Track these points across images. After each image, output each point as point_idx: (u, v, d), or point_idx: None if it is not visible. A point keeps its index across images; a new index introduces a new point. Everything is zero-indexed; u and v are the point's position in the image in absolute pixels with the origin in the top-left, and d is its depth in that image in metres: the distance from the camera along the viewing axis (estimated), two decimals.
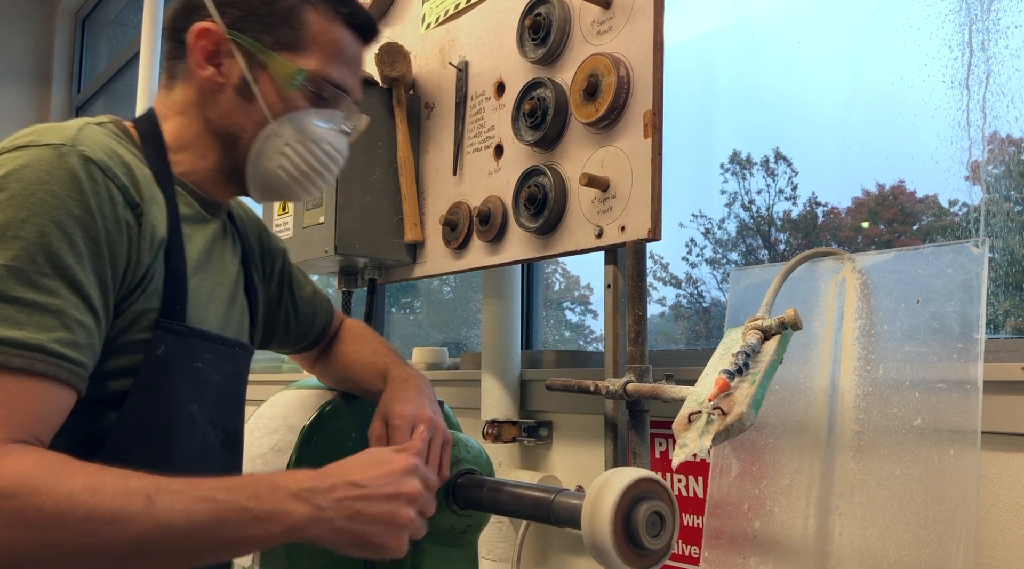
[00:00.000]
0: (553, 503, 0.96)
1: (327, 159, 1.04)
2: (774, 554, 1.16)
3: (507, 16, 1.55)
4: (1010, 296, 1.31)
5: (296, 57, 0.99)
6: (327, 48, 1.01)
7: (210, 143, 1.01)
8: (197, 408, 0.96)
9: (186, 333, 0.93)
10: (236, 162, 1.02)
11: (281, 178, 1.02)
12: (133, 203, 0.88)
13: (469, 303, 2.74)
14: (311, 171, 1.03)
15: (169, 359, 0.91)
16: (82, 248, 0.81)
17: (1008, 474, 1.05)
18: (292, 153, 1.01)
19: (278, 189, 1.04)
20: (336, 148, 1.05)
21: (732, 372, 0.96)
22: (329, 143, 1.04)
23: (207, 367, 0.97)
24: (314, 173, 1.04)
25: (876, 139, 1.56)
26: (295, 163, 1.01)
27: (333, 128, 1.04)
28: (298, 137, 1.01)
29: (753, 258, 1.82)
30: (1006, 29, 1.31)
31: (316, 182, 1.05)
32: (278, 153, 1.00)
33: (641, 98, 1.26)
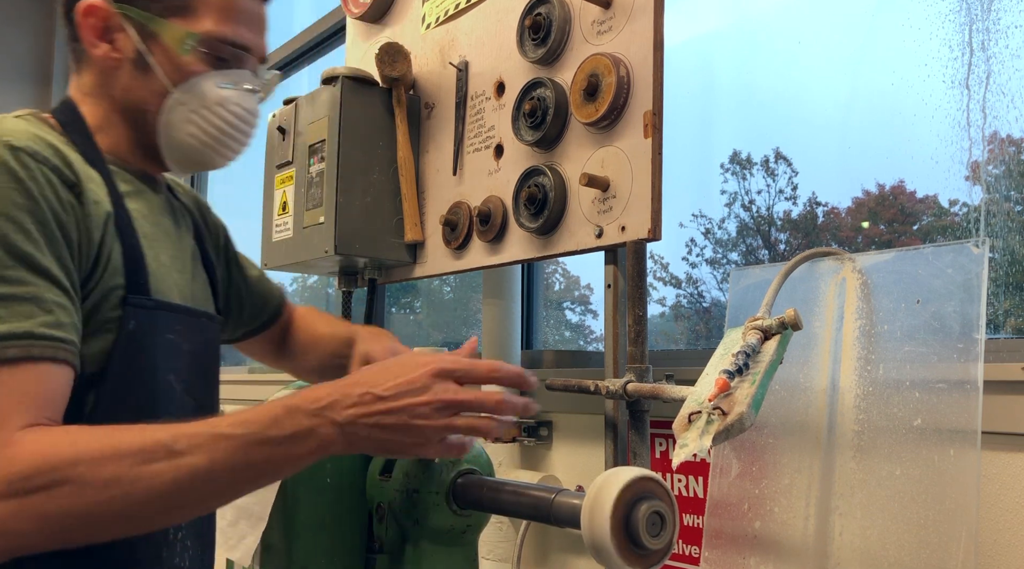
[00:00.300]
0: (553, 503, 0.96)
1: (237, 120, 1.03)
2: (774, 554, 1.16)
3: (507, 16, 1.55)
4: (1010, 296, 1.31)
5: (187, 22, 0.98)
6: (218, 8, 0.99)
7: (121, 121, 1.01)
8: (174, 378, 0.97)
9: (153, 306, 0.94)
10: (149, 137, 1.02)
11: (194, 146, 1.02)
12: (69, 183, 0.89)
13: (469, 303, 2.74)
14: (223, 135, 1.02)
15: (141, 333, 0.92)
16: (36, 234, 0.83)
17: (1008, 474, 1.05)
18: (199, 119, 1.00)
19: (195, 158, 1.03)
20: (245, 108, 1.04)
21: (732, 372, 0.96)
22: (236, 103, 1.02)
23: (178, 338, 0.98)
24: (226, 136, 1.03)
25: (876, 139, 1.56)
26: (204, 129, 1.01)
27: (238, 88, 1.02)
28: (202, 102, 1.00)
29: (753, 258, 1.82)
30: (1006, 29, 1.31)
31: (231, 146, 1.04)
32: (185, 121, 1.00)
33: (641, 98, 1.26)
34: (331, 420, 0.80)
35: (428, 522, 1.09)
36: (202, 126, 1.00)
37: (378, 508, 1.15)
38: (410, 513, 1.10)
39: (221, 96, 1.01)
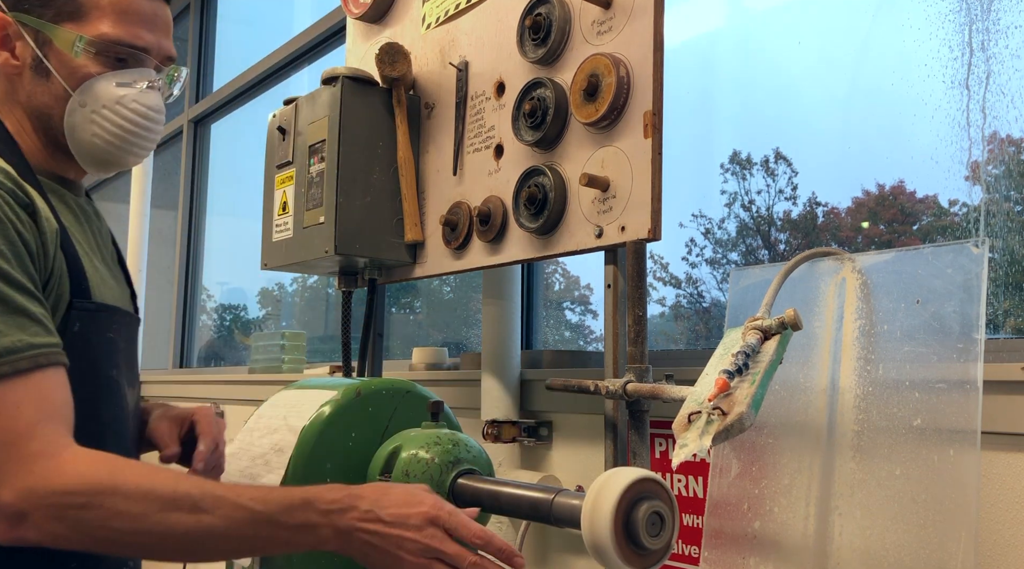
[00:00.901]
0: (553, 503, 0.96)
1: (139, 118, 1.05)
2: (774, 554, 1.16)
3: (507, 16, 1.55)
4: (1010, 296, 1.31)
5: (79, 26, 1.01)
6: (109, 10, 1.02)
7: (33, 128, 1.06)
8: (116, 373, 1.04)
9: (94, 308, 1.01)
10: (58, 140, 1.05)
11: (100, 146, 1.05)
12: (23, 203, 0.94)
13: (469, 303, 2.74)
14: (126, 134, 1.05)
15: (86, 334, 0.99)
16: (8, 253, 0.89)
17: (1008, 474, 1.05)
18: (101, 119, 1.03)
19: (104, 158, 1.06)
20: (145, 105, 1.06)
21: (732, 372, 0.96)
22: (136, 101, 1.05)
23: (117, 336, 1.05)
24: (130, 134, 1.05)
25: (876, 139, 1.56)
26: (106, 129, 1.03)
27: (136, 87, 1.05)
28: (101, 102, 1.03)
29: (753, 258, 1.82)
30: (1006, 29, 1.31)
31: (136, 143, 1.07)
32: (88, 122, 1.03)
33: (641, 98, 1.26)
34: (335, 525, 0.89)
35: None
36: (104, 126, 1.03)
37: None
38: None
39: (118, 95, 1.03)
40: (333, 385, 1.29)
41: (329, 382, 1.34)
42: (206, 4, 4.01)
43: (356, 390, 1.25)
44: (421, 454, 1.12)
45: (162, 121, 1.09)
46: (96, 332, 1.01)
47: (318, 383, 1.33)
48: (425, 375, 2.04)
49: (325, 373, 2.38)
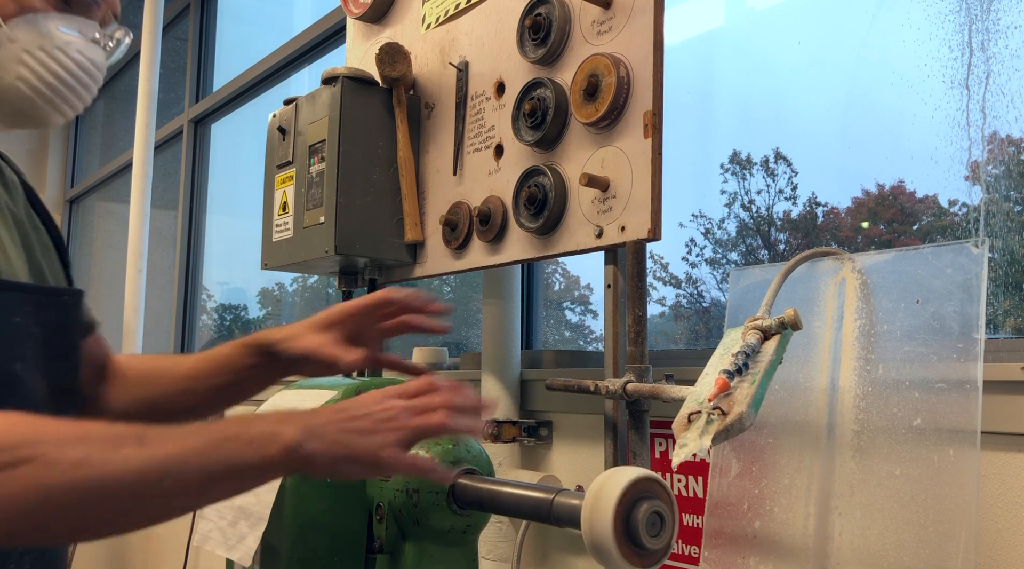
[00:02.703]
0: (553, 503, 0.96)
1: (78, 69, 0.91)
2: (774, 554, 1.16)
3: (507, 16, 1.55)
4: (1010, 296, 1.31)
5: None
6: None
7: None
8: (21, 366, 0.87)
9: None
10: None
11: (23, 92, 0.89)
12: None
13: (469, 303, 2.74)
14: (59, 83, 0.90)
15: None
16: None
17: (1008, 474, 1.05)
18: (32, 61, 0.88)
19: (23, 109, 0.91)
20: (88, 58, 0.92)
21: (732, 372, 0.96)
22: (79, 51, 0.91)
23: (26, 320, 0.88)
24: (63, 86, 0.91)
25: (876, 139, 1.56)
26: (37, 73, 0.89)
27: (83, 36, 0.92)
28: (38, 42, 0.88)
29: (753, 258, 1.82)
30: (1006, 29, 1.31)
31: (68, 98, 0.92)
32: (15, 62, 0.88)
33: (641, 98, 1.26)
34: (301, 424, 0.78)
35: (428, 522, 1.09)
36: (35, 69, 0.88)
37: (378, 508, 1.15)
38: (410, 513, 1.10)
39: (62, 39, 0.90)
40: (333, 385, 1.29)
41: (329, 382, 1.34)
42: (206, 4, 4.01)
43: (356, 390, 1.25)
44: (421, 454, 1.12)
45: (100, 81, 0.95)
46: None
47: (318, 383, 1.33)
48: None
49: None
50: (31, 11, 0.88)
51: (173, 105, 4.13)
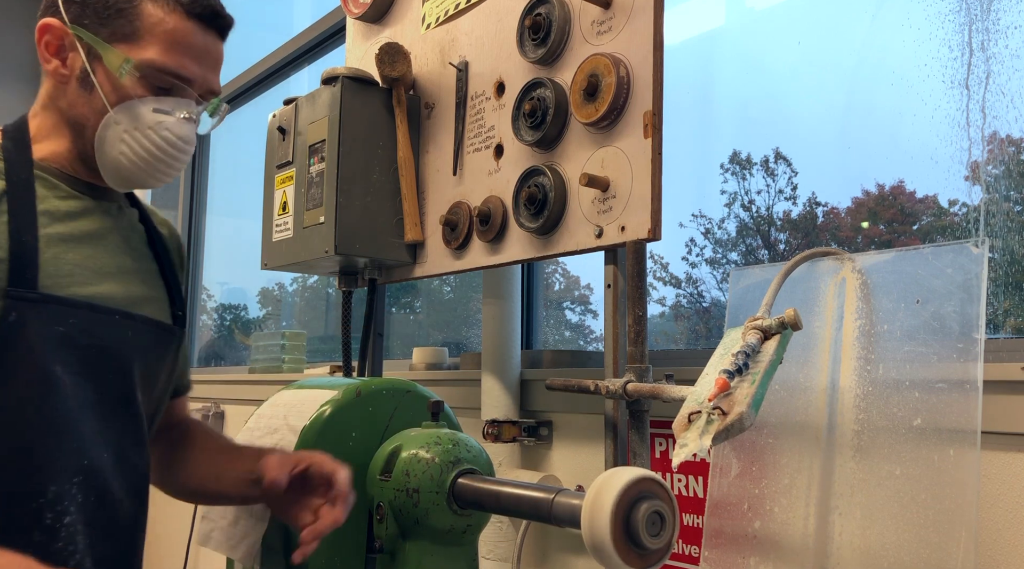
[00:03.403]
0: (553, 503, 0.96)
1: (166, 145, 1.07)
2: (774, 554, 1.16)
3: (507, 16, 1.55)
4: (1010, 296, 1.31)
5: (132, 48, 1.04)
6: (163, 38, 1.05)
7: (64, 132, 1.10)
8: (61, 369, 1.01)
9: (37, 300, 0.99)
10: (87, 149, 1.08)
11: (124, 164, 1.07)
12: None
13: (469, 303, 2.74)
14: (152, 158, 1.07)
15: (23, 324, 0.97)
16: None
17: (1008, 474, 1.05)
18: (130, 139, 1.06)
19: (126, 176, 1.09)
20: (177, 134, 1.08)
21: (732, 372, 0.96)
22: (168, 130, 1.07)
23: (72, 331, 1.02)
24: (156, 160, 1.08)
25: (876, 139, 1.56)
26: (134, 149, 1.06)
27: (173, 115, 1.07)
28: (134, 124, 1.05)
29: (753, 258, 1.82)
30: (1006, 29, 1.31)
31: (161, 169, 1.09)
32: (118, 140, 1.05)
33: (641, 98, 1.26)
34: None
35: (428, 522, 1.09)
36: (133, 147, 1.06)
37: (378, 508, 1.15)
38: (410, 513, 1.10)
39: (154, 120, 1.06)
40: (333, 385, 1.29)
41: (329, 382, 1.34)
42: None
43: (356, 390, 1.25)
44: (421, 454, 1.12)
45: (190, 152, 1.11)
46: (38, 323, 0.99)
47: (318, 383, 1.33)
48: (425, 375, 2.04)
49: (325, 373, 2.38)
50: (130, 98, 1.05)
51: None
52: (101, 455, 1.05)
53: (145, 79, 1.05)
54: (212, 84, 1.11)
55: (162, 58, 1.05)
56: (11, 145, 1.07)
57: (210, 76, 1.10)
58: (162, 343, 1.16)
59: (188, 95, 1.09)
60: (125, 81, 1.05)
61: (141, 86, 1.05)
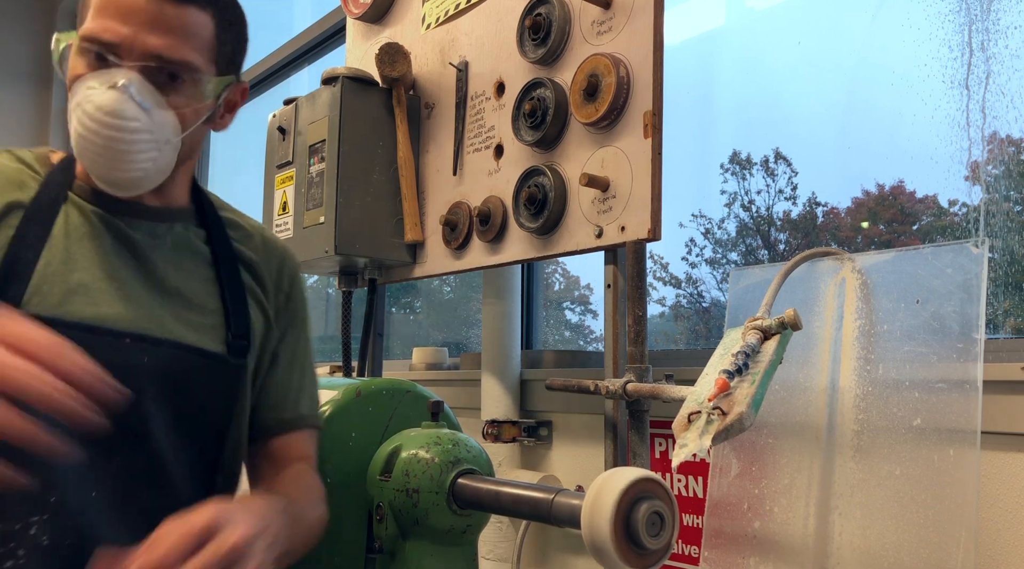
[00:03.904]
0: (553, 503, 0.96)
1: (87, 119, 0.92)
2: (774, 554, 1.16)
3: (507, 16, 1.55)
4: (1010, 296, 1.31)
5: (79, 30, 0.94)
6: (94, 7, 0.94)
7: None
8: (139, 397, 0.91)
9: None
10: None
11: (77, 153, 0.95)
12: None
13: (469, 303, 2.74)
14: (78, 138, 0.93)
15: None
16: None
17: (1008, 474, 1.05)
18: (72, 122, 0.93)
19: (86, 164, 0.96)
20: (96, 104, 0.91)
21: (732, 372, 0.96)
22: (90, 101, 0.91)
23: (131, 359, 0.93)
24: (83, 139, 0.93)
25: (876, 139, 1.56)
26: (73, 133, 0.93)
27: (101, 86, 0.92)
28: (74, 101, 0.93)
29: (753, 258, 1.82)
30: (1006, 29, 1.31)
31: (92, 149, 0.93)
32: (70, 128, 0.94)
33: (641, 98, 1.26)
34: None
35: (428, 522, 1.09)
36: (73, 124, 0.93)
37: (378, 508, 1.15)
38: (410, 513, 1.10)
39: (82, 96, 0.92)
40: (333, 385, 1.29)
41: (329, 382, 1.34)
42: None
43: (356, 390, 1.25)
44: (421, 454, 1.12)
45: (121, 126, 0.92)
46: None
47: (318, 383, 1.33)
48: (425, 375, 2.04)
49: (325, 373, 2.38)
50: (74, 81, 0.94)
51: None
52: (85, 493, 0.91)
53: (83, 54, 0.93)
54: (147, 44, 0.93)
55: (85, 30, 0.93)
56: (57, 169, 1.00)
57: (142, 36, 0.93)
58: (208, 372, 1.01)
59: (112, 63, 0.93)
60: (71, 61, 0.94)
61: (82, 63, 0.94)
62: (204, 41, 0.97)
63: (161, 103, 0.95)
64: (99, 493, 0.92)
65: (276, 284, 1.14)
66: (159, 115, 0.94)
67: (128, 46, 0.93)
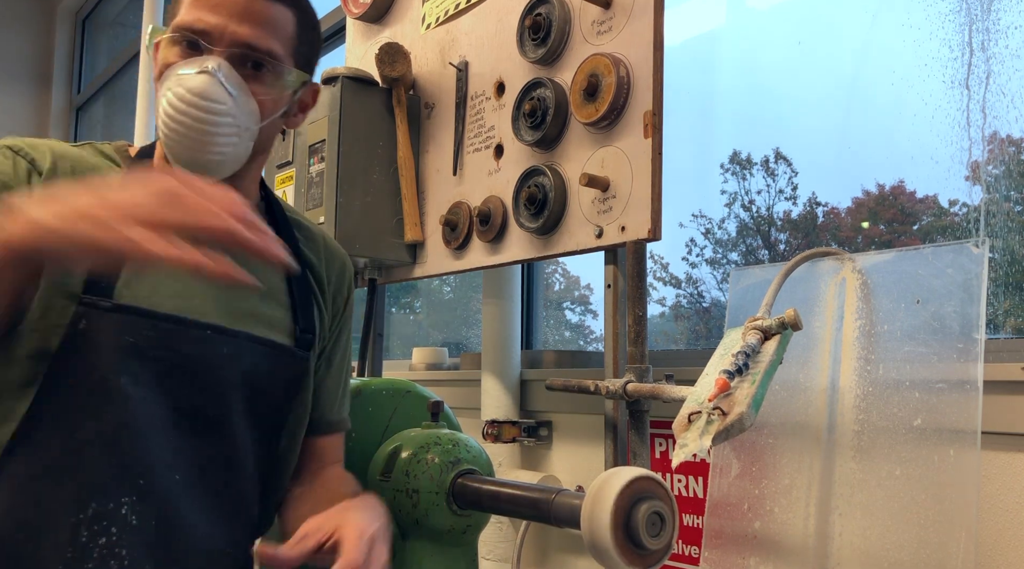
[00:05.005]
0: (553, 503, 0.96)
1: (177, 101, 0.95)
2: (774, 554, 1.16)
3: (507, 16, 1.55)
4: (1010, 296, 1.31)
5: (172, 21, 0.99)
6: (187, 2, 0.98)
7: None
8: (128, 381, 0.93)
9: (111, 308, 0.93)
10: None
11: (162, 136, 0.97)
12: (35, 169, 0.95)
13: (469, 303, 2.74)
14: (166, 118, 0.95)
15: (91, 333, 0.92)
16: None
17: (1008, 474, 1.05)
18: (161, 105, 0.96)
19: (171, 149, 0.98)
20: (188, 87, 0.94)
21: (732, 372, 0.96)
22: (180, 84, 0.95)
23: (144, 342, 0.95)
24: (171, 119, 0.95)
25: (876, 139, 1.56)
26: (161, 115, 0.96)
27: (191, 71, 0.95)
28: (163, 90, 0.96)
29: (753, 258, 1.82)
30: (1006, 29, 1.31)
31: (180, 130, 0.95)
32: (157, 112, 0.98)
33: (641, 98, 1.26)
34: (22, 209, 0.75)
35: (428, 522, 1.09)
36: (162, 107, 0.96)
37: None
38: (410, 513, 1.10)
39: (174, 79, 0.96)
40: None
41: None
42: None
43: (356, 390, 1.24)
44: (421, 454, 1.12)
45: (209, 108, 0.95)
46: (107, 333, 0.93)
47: None
48: (425, 375, 2.04)
49: None
50: (166, 67, 0.98)
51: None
52: (169, 476, 0.96)
53: (175, 44, 0.98)
54: (237, 33, 0.97)
55: (179, 19, 0.98)
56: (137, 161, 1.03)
57: (232, 25, 0.97)
58: (276, 364, 1.05)
59: (203, 50, 0.97)
60: (162, 52, 0.99)
61: (172, 52, 0.98)
62: (287, 36, 1.02)
63: (245, 90, 0.98)
64: (181, 477, 0.97)
65: (336, 289, 1.17)
66: (243, 101, 0.98)
67: (218, 34, 0.97)
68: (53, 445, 0.90)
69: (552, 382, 1.31)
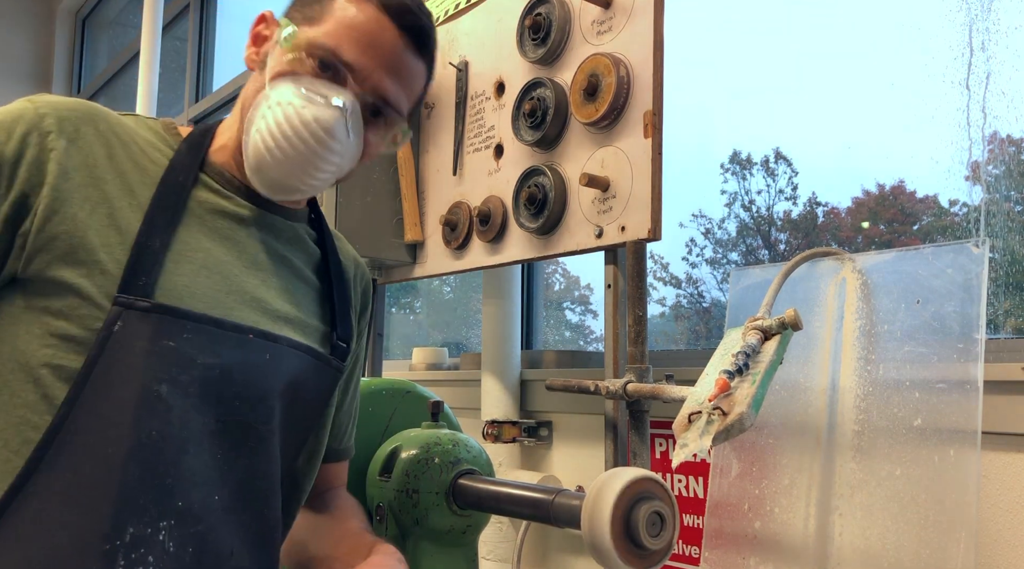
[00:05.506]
0: (553, 503, 0.96)
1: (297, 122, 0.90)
2: (774, 554, 1.16)
3: (507, 16, 1.55)
4: (1010, 296, 1.31)
5: (309, 29, 0.93)
6: (338, 20, 0.93)
7: (235, 122, 0.98)
8: (169, 390, 0.85)
9: (150, 308, 0.85)
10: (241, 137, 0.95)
11: (253, 145, 0.92)
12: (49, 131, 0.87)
13: (469, 303, 2.74)
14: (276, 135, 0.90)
15: (128, 335, 0.84)
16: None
17: (1008, 474, 1.05)
18: (271, 114, 0.91)
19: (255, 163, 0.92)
20: (312, 115, 0.90)
21: (732, 372, 0.96)
22: (306, 108, 0.90)
23: (186, 347, 0.87)
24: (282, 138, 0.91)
25: (876, 139, 1.56)
26: (268, 123, 0.91)
27: (319, 97, 0.91)
28: (276, 98, 0.91)
29: (753, 258, 1.82)
30: (1006, 29, 1.31)
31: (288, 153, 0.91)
32: (261, 116, 0.91)
33: (641, 98, 1.26)
34: None
35: (428, 522, 1.09)
36: (268, 121, 0.91)
37: (378, 508, 1.15)
38: (410, 513, 1.10)
39: (301, 97, 0.91)
40: None
41: None
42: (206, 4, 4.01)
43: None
44: (421, 454, 1.12)
45: (326, 142, 0.91)
46: (145, 335, 0.84)
47: None
48: (425, 375, 2.04)
49: None
50: (286, 74, 0.92)
51: (173, 105, 4.13)
52: (209, 497, 0.87)
53: (307, 58, 0.92)
54: (381, 84, 0.94)
55: (326, 37, 0.92)
56: (185, 147, 0.96)
57: (380, 74, 0.94)
58: (314, 373, 0.99)
59: (341, 81, 0.93)
60: (286, 56, 0.92)
61: (299, 64, 0.92)
62: (416, 92, 1.01)
63: (361, 134, 0.96)
64: (221, 497, 0.89)
65: (362, 302, 1.14)
66: (355, 143, 0.96)
67: (364, 76, 0.94)
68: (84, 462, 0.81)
69: (552, 382, 1.30)
